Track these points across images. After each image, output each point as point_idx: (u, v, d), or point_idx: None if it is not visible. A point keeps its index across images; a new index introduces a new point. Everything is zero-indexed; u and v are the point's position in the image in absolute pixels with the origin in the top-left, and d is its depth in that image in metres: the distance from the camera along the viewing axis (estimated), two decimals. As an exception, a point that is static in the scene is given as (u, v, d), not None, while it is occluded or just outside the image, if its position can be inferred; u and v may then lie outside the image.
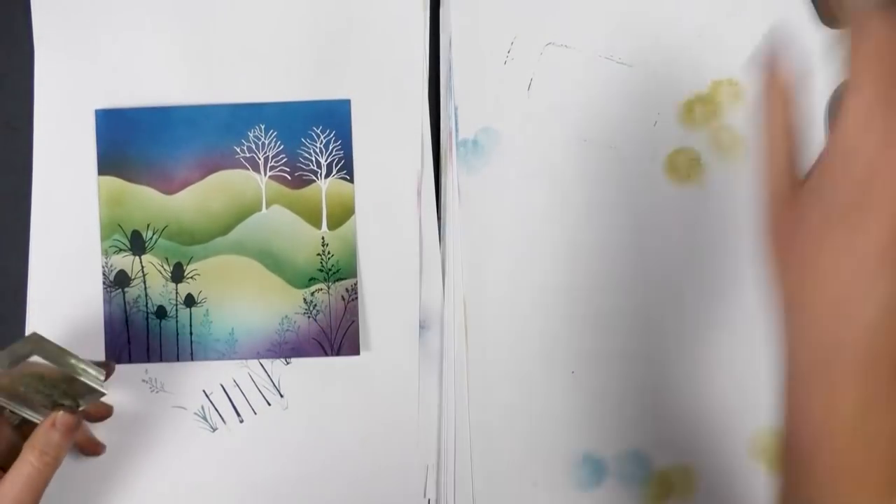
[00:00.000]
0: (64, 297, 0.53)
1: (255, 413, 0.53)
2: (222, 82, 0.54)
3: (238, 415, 0.53)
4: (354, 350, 0.53)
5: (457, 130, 0.54)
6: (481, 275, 0.53)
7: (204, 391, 0.53)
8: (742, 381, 0.52)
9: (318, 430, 0.53)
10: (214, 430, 0.53)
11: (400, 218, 0.54)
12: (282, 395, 0.53)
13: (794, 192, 0.35)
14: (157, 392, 0.53)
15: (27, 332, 0.53)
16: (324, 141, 0.53)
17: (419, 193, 0.54)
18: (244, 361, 0.53)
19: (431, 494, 0.53)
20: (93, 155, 0.53)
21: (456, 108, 0.54)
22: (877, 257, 0.32)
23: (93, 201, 0.53)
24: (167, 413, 0.53)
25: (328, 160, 0.53)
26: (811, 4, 0.54)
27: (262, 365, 0.53)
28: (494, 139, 0.54)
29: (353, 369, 0.53)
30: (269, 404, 0.53)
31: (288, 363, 0.53)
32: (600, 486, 0.53)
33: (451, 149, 0.54)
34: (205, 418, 0.53)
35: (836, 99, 0.53)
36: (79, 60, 0.54)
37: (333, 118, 0.53)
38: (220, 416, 0.53)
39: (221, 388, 0.53)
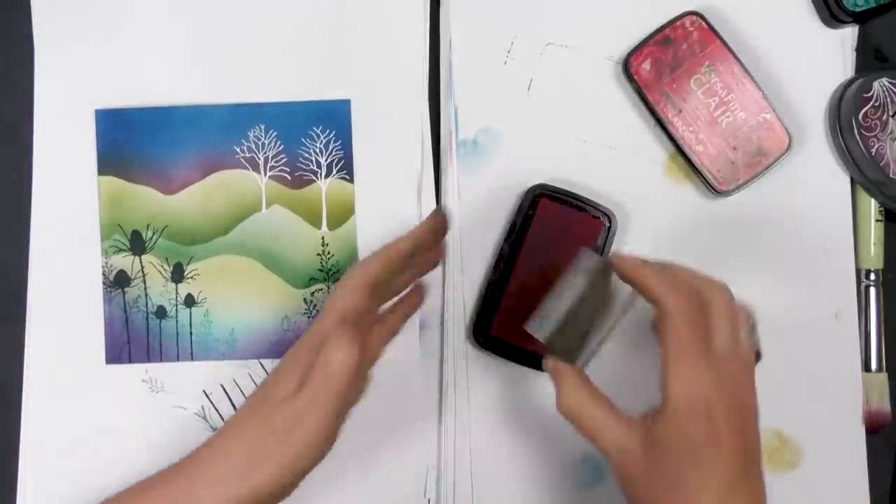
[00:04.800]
0: (64, 296, 0.53)
1: (256, 413, 0.53)
2: (222, 82, 0.54)
3: (238, 415, 0.53)
4: None
5: (457, 130, 0.54)
6: (481, 275, 0.53)
7: (204, 391, 0.53)
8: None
9: (318, 430, 0.53)
10: (214, 430, 0.53)
11: (400, 218, 0.54)
12: (282, 395, 0.53)
13: (640, 445, 0.41)
14: (157, 392, 0.53)
15: (27, 331, 0.53)
16: (324, 141, 0.53)
17: (419, 193, 0.54)
18: (244, 361, 0.53)
19: (431, 494, 0.53)
20: (93, 155, 0.53)
21: (456, 108, 0.54)
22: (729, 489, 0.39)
23: (93, 201, 0.53)
24: (167, 413, 0.53)
25: (328, 160, 0.53)
26: (812, 4, 0.54)
27: (262, 365, 0.53)
28: (494, 139, 0.54)
29: (353, 369, 0.53)
30: (270, 404, 0.53)
31: (288, 363, 0.53)
32: (600, 486, 0.53)
33: (451, 149, 0.54)
34: (205, 418, 0.53)
35: (835, 100, 0.53)
36: (79, 60, 0.54)
37: (333, 118, 0.53)
38: (220, 416, 0.53)
39: (221, 388, 0.53)
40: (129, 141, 0.53)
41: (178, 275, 0.53)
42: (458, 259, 0.53)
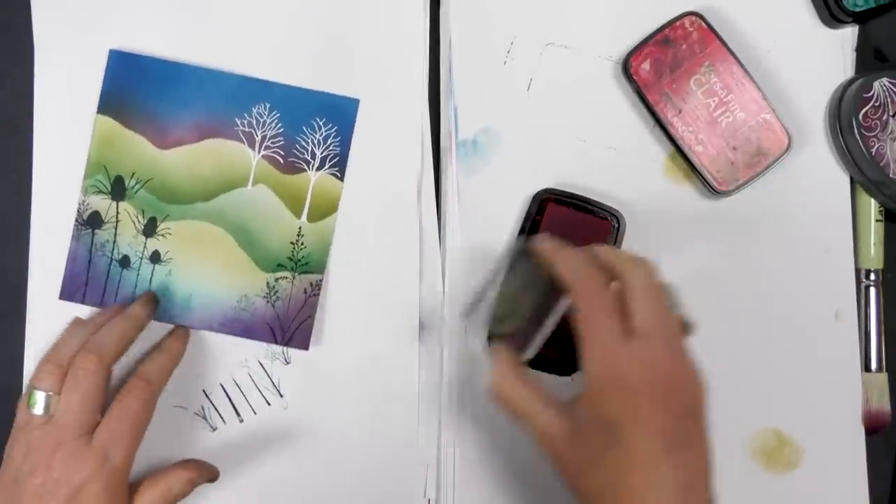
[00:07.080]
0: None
1: (255, 413, 0.53)
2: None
3: (238, 415, 0.53)
4: (304, 345, 0.53)
5: (457, 130, 0.54)
6: (481, 275, 0.53)
7: (204, 391, 0.53)
8: (741, 382, 0.52)
9: (318, 430, 0.53)
10: (214, 429, 0.53)
11: (400, 218, 0.54)
12: (282, 395, 0.53)
13: (566, 429, 0.41)
14: (156, 392, 0.53)
15: (27, 331, 0.53)
16: (324, 133, 0.53)
17: (419, 193, 0.54)
18: (244, 361, 0.53)
19: (431, 494, 0.53)
20: (96, 94, 0.53)
21: (456, 108, 0.54)
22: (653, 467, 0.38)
23: (85, 138, 0.53)
24: (167, 413, 0.53)
25: (323, 153, 0.53)
26: (812, 4, 0.54)
27: (262, 365, 0.53)
28: (494, 139, 0.54)
29: (352, 369, 0.53)
30: (269, 404, 0.53)
31: (288, 363, 0.53)
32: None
33: (451, 149, 0.54)
34: (205, 418, 0.53)
35: (835, 100, 0.53)
36: (80, 57, 0.53)
37: (338, 114, 0.53)
38: (220, 416, 0.53)
39: (221, 388, 0.53)
40: (135, 87, 0.53)
41: (150, 229, 0.53)
42: (457, 258, 0.53)
